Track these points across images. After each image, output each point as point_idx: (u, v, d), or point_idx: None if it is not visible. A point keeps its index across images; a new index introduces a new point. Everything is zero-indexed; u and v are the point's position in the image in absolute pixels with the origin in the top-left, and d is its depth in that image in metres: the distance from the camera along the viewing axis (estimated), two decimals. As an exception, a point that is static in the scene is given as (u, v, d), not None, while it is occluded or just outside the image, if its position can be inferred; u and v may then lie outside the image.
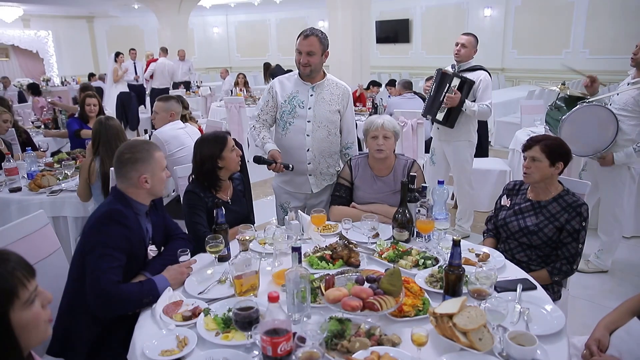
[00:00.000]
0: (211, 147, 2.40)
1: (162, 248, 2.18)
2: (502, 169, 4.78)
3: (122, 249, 1.84)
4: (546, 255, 2.31)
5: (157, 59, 9.42)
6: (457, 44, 3.84)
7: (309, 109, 2.73)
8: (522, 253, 2.35)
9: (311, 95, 2.74)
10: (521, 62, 11.77)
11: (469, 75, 3.77)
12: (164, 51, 9.75)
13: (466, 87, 3.70)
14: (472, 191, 4.12)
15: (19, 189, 3.32)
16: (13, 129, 4.78)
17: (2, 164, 3.49)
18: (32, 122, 6.41)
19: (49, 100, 7.07)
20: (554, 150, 2.28)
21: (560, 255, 2.25)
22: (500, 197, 2.55)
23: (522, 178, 2.40)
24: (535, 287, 1.84)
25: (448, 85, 3.73)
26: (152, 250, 2.10)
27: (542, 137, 2.39)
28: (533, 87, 9.51)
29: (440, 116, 3.83)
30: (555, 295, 2.27)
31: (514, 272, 2.00)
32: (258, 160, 2.63)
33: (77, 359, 1.88)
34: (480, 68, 3.84)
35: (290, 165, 2.63)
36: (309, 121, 2.73)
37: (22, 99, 9.71)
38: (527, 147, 2.36)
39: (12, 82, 11.96)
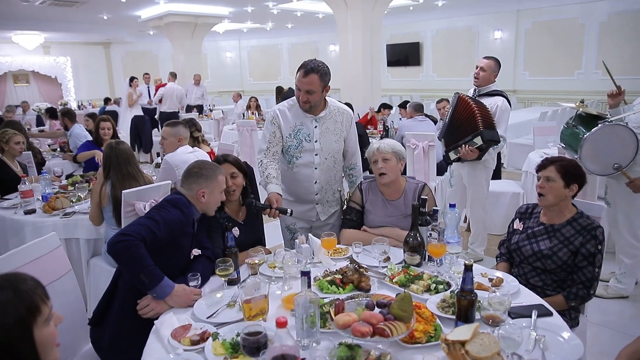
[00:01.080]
0: None
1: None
2: (515, 191, 4.73)
3: (170, 227, 2.02)
4: (562, 280, 2.25)
5: (165, 84, 9.58)
6: (476, 67, 3.81)
7: (316, 141, 2.67)
8: (536, 277, 2.30)
9: (315, 127, 2.67)
10: (533, 84, 11.79)
11: (487, 100, 3.71)
12: (173, 76, 9.93)
13: (487, 147, 3.60)
14: (485, 215, 4.07)
15: (33, 211, 3.36)
16: (30, 152, 4.88)
17: (18, 186, 3.55)
18: (49, 145, 6.52)
19: (30, 132, 7.13)
20: (569, 171, 2.25)
21: (576, 280, 2.19)
22: (512, 221, 2.51)
23: (537, 200, 2.36)
24: (551, 314, 1.78)
25: (471, 139, 3.58)
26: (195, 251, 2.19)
27: (558, 157, 2.37)
28: (545, 108, 9.49)
29: (452, 156, 3.80)
30: (572, 322, 2.21)
31: (529, 297, 1.95)
32: (250, 205, 2.48)
33: (105, 334, 2.03)
34: (500, 94, 3.78)
35: (289, 210, 2.46)
36: (316, 154, 2.69)
37: (40, 122, 9.93)
38: (541, 167, 2.33)
39: (30, 107, 12.28)
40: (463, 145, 3.61)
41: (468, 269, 1.62)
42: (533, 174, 4.69)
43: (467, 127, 3.61)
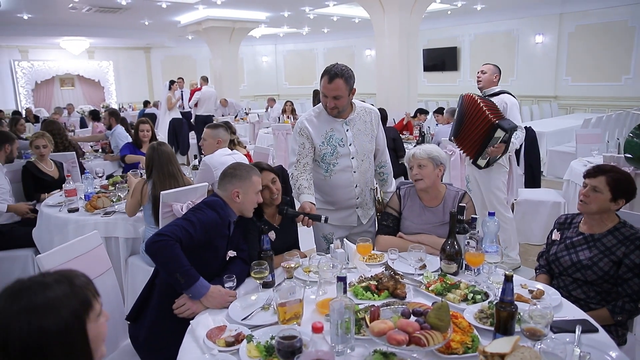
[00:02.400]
0: None
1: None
2: (556, 201, 4.58)
3: (206, 229, 2.05)
4: (605, 292, 2.16)
5: (200, 88, 9.68)
6: (477, 73, 3.99)
7: (350, 145, 2.65)
8: (578, 290, 2.21)
9: (347, 131, 2.65)
10: (576, 90, 11.42)
11: (494, 100, 3.76)
12: (205, 80, 9.97)
13: (509, 136, 3.57)
14: (509, 215, 3.98)
15: (76, 210, 3.48)
16: (74, 152, 5.07)
17: (63, 185, 3.69)
18: (91, 146, 6.75)
19: (71, 137, 7.35)
20: (620, 186, 2.14)
21: (622, 293, 2.09)
22: (551, 232, 2.43)
23: (577, 206, 2.26)
24: (596, 330, 1.71)
25: (492, 136, 3.56)
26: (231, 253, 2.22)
27: (610, 167, 2.23)
28: (589, 115, 9.16)
29: (482, 162, 3.75)
30: (619, 340, 2.10)
31: (572, 311, 1.87)
32: (281, 212, 2.47)
33: (142, 331, 2.08)
34: (504, 92, 3.87)
35: (323, 217, 2.39)
36: (352, 158, 2.67)
37: (83, 124, 10.31)
38: (590, 174, 2.21)
39: (75, 109, 12.77)
40: (489, 148, 3.60)
41: (508, 279, 1.58)
42: (575, 183, 4.54)
43: (477, 119, 3.61)
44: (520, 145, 5.17)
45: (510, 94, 3.87)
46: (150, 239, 1.93)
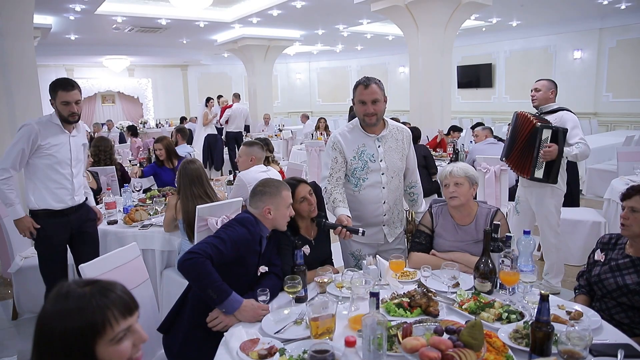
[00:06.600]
0: None
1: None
2: (596, 220, 4.43)
3: (237, 245, 2.10)
4: (653, 319, 2.07)
5: (231, 105, 9.79)
6: (531, 90, 3.82)
7: (381, 161, 2.68)
8: (622, 314, 2.12)
9: (379, 147, 2.68)
10: (616, 106, 11.09)
11: (551, 118, 3.62)
12: (237, 97, 10.11)
13: (560, 135, 3.42)
14: (559, 244, 3.81)
15: (115, 222, 3.60)
16: (113, 167, 5.25)
17: (103, 198, 3.81)
18: (130, 161, 6.99)
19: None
20: None
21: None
22: (593, 251, 2.36)
23: (620, 231, 2.21)
24: (641, 356, 1.64)
25: (539, 139, 3.43)
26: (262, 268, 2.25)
27: None
28: (632, 132, 8.86)
29: (539, 173, 3.51)
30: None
31: (613, 335, 1.80)
32: (319, 224, 2.51)
33: (176, 342, 2.12)
34: (562, 109, 3.69)
35: (361, 230, 2.39)
36: (382, 174, 2.69)
37: (122, 139, 10.67)
38: (626, 196, 2.18)
39: (114, 125, 13.26)
40: (541, 151, 3.43)
41: (544, 299, 1.54)
42: (617, 203, 4.39)
43: (526, 134, 3.52)
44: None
45: (570, 111, 3.67)
46: (182, 257, 1.99)
